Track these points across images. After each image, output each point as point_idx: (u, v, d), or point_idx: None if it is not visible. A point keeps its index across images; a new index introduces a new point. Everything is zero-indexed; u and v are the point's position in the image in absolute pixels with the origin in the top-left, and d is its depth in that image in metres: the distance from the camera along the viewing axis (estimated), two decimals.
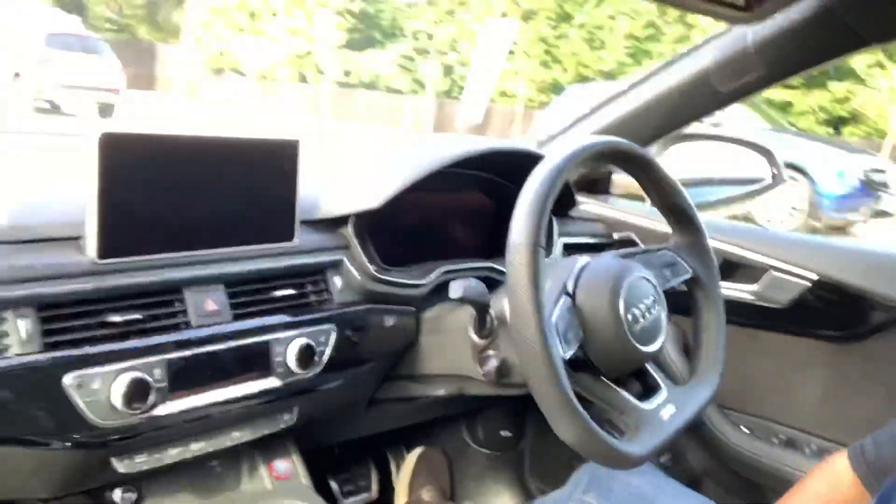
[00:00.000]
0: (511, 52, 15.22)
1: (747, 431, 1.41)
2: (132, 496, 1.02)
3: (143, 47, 19.68)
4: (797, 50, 1.13)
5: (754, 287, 1.35)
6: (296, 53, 17.94)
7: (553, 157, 0.91)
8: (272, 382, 0.99)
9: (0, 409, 0.79)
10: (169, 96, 18.30)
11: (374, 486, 1.64)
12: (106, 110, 11.86)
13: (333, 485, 1.55)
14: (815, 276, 1.27)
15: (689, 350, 1.42)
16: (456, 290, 0.94)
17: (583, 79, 16.34)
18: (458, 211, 1.36)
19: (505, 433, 1.75)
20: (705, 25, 12.82)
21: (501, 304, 1.01)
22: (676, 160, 1.50)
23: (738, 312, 1.36)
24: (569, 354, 0.89)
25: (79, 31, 12.34)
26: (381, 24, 19.29)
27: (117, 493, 1.01)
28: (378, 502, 1.63)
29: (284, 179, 0.99)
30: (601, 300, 0.94)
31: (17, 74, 11.15)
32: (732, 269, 1.37)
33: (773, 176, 1.46)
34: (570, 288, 0.96)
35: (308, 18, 17.43)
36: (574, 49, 16.84)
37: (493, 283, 1.08)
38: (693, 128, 1.44)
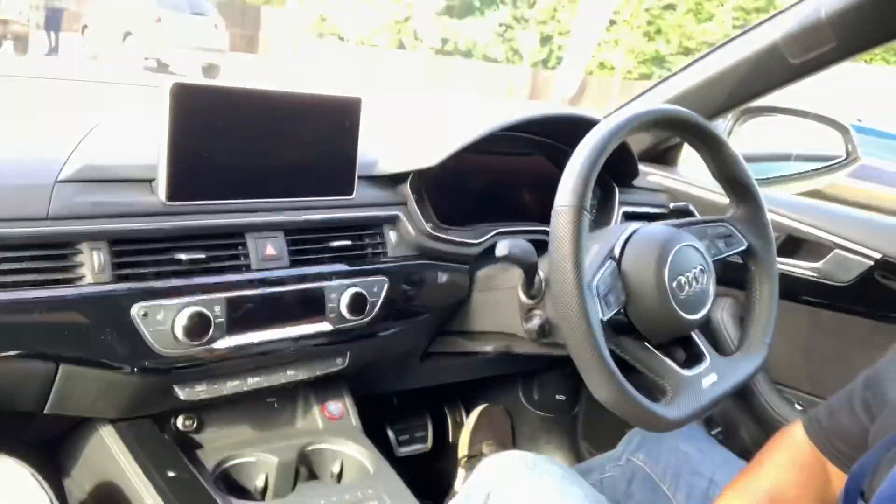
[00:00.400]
0: (612, 22, 14.85)
1: (800, 408, 1.39)
2: (192, 423, 1.11)
3: (247, 10, 20.19)
4: (871, 22, 1.09)
5: (817, 264, 1.33)
6: (394, 19, 18.05)
7: (605, 124, 0.92)
8: (325, 326, 1.05)
9: (74, 333, 0.87)
10: (271, 58, 18.79)
11: (430, 438, 1.70)
12: (210, 70, 12.25)
13: (390, 433, 1.62)
14: (878, 256, 1.24)
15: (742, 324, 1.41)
16: (502, 248, 0.96)
17: (686, 51, 15.81)
18: (515, 174, 1.38)
19: (560, 397, 1.78)
20: None
21: (547, 267, 1.03)
22: (753, 134, 1.48)
23: (800, 289, 1.34)
24: (608, 316, 0.91)
25: None
26: None
27: (179, 420, 1.09)
28: (432, 453, 1.69)
29: (346, 135, 1.04)
30: (646, 266, 0.95)
31: (128, 33, 11.64)
32: (797, 245, 1.35)
33: (848, 153, 1.41)
34: (616, 252, 0.97)
35: None
36: (679, 21, 16.29)
37: (544, 245, 1.11)
38: (770, 101, 1.41)
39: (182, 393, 1.00)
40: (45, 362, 0.88)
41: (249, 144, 0.96)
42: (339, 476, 1.16)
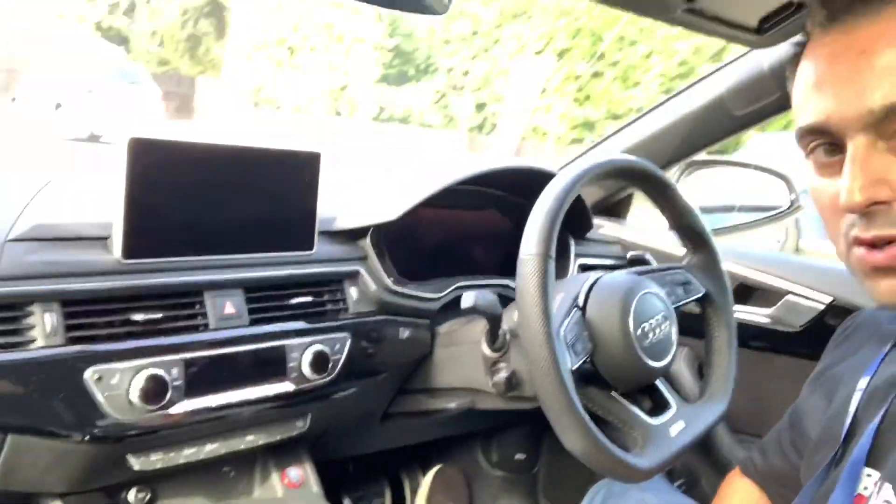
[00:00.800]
0: (544, 90, 15.32)
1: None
2: (146, 496, 1.05)
3: (183, 79, 20.16)
4: None
5: (770, 311, 1.35)
6: (331, 88, 18.25)
7: (566, 174, 0.93)
8: (286, 387, 1.01)
9: (23, 400, 0.82)
10: (207, 127, 18.69)
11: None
12: None
13: (346, 501, 1.57)
14: (829, 300, 1.27)
15: (702, 372, 1.43)
16: (468, 299, 0.96)
17: (615, 116, 16.37)
18: (474, 228, 1.38)
19: (520, 456, 1.75)
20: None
21: (513, 317, 1.02)
22: (697, 186, 1.52)
23: (754, 336, 1.37)
24: (576, 365, 0.90)
25: (121, 62, 12.59)
26: (416, 60, 19.57)
27: (132, 493, 1.03)
28: None
29: (305, 190, 1.03)
30: (611, 314, 0.96)
31: (58, 105, 11.43)
32: (749, 292, 1.38)
33: (791, 202, 1.46)
34: (580, 301, 0.97)
35: (345, 53, 17.75)
36: (607, 87, 16.90)
37: (507, 299, 1.10)
38: (714, 155, 1.45)
39: (136, 463, 0.94)
40: None
41: (208, 200, 0.94)
42: None
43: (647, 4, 0.97)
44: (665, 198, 1.08)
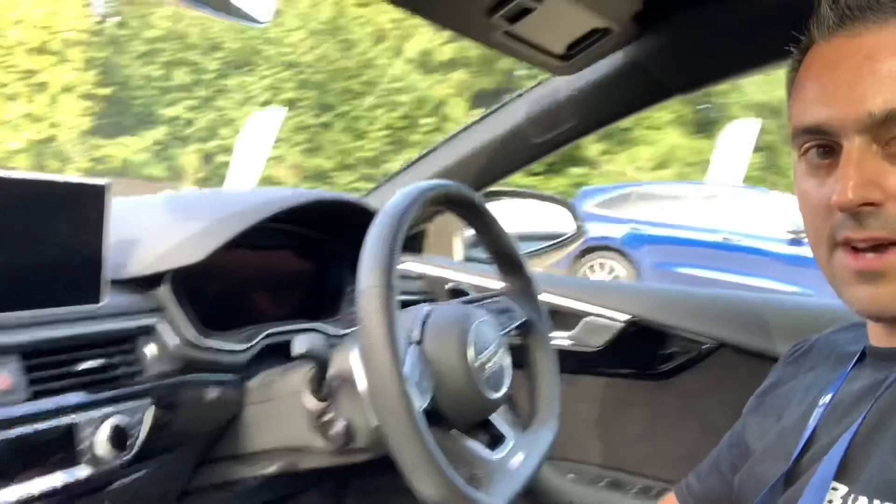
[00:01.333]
0: (278, 140, 15.22)
1: (572, 478, 1.42)
2: None
3: None
4: (608, 101, 1.21)
5: (571, 332, 1.39)
6: (34, 139, 16.48)
7: (398, 199, 0.87)
8: (80, 472, 0.82)
9: None
10: None
11: None
12: None
13: None
14: (626, 318, 1.34)
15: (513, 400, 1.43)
16: (301, 344, 0.87)
17: (347, 167, 16.66)
18: (274, 269, 1.26)
19: None
20: (458, 118, 13.70)
21: (343, 361, 0.93)
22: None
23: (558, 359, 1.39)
24: (425, 405, 0.85)
25: None
26: (134, 109, 18.40)
27: None
28: None
29: (90, 230, 0.85)
30: (450, 346, 0.91)
31: None
32: (553, 317, 1.40)
33: (577, 228, 1.53)
34: (416, 336, 0.92)
35: (50, 103, 16.15)
36: (336, 137, 17.17)
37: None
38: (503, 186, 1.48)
39: None
40: None
41: None
42: None
43: (471, 26, 0.95)
44: (485, 225, 1.07)
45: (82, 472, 0.83)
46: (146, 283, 0.96)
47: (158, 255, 0.96)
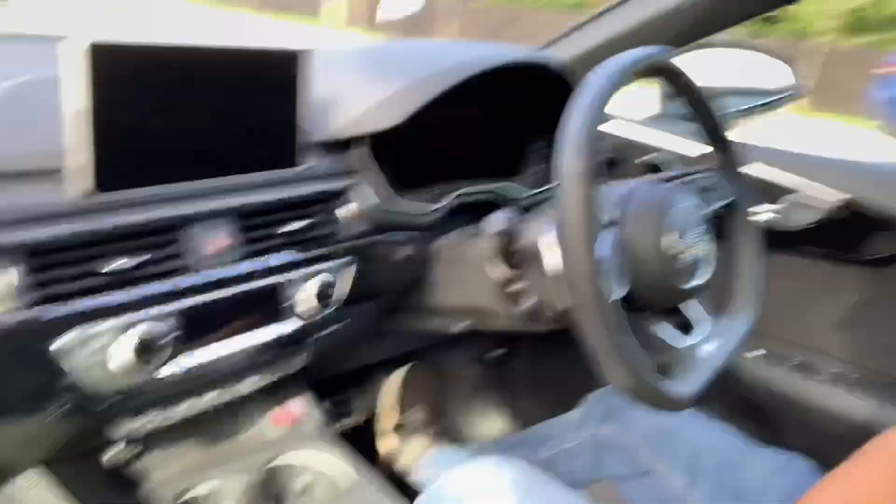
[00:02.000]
0: None
1: (762, 352, 1.38)
2: (134, 449, 0.94)
3: None
4: None
5: (775, 208, 1.29)
6: None
7: (600, 76, 0.80)
8: (289, 325, 0.90)
9: None
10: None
11: (366, 408, 1.57)
12: None
13: (326, 404, 1.48)
14: (841, 197, 1.21)
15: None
16: (496, 224, 0.87)
17: None
18: (459, 124, 1.24)
19: (497, 352, 1.69)
20: None
21: (534, 235, 0.92)
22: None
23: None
24: (621, 295, 0.82)
25: None
26: None
27: (120, 449, 0.92)
28: (367, 423, 1.57)
29: (284, 97, 0.86)
30: (647, 232, 0.86)
31: None
32: (758, 190, 1.30)
33: (796, 86, 1.37)
34: (615, 217, 0.87)
35: None
36: None
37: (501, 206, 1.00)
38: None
39: (124, 427, 0.82)
40: None
41: (178, 115, 0.77)
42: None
43: None
44: (692, 96, 0.98)
45: (292, 325, 0.90)
46: (343, 146, 0.97)
47: (355, 118, 0.97)
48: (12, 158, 0.70)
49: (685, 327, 0.95)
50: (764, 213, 1.29)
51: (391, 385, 1.58)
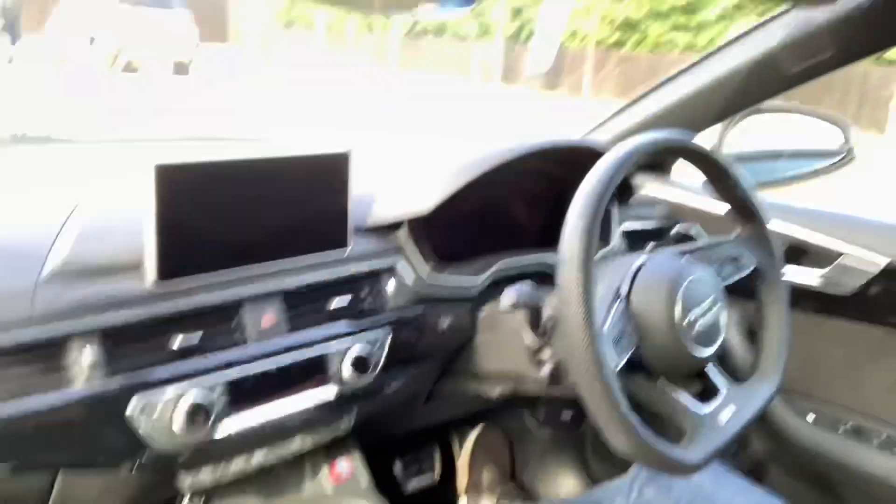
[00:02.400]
0: None
1: (813, 417, 1.37)
2: (201, 500, 1.07)
3: (216, 1, 19.79)
4: (872, 29, 1.06)
5: (822, 272, 1.30)
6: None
7: (607, 160, 0.88)
8: (329, 391, 1.01)
9: (70, 438, 0.83)
10: (241, 50, 18.49)
11: (437, 468, 1.67)
12: (180, 68, 11.97)
13: (397, 468, 1.59)
14: (885, 261, 1.22)
15: (753, 335, 1.38)
16: (510, 298, 0.94)
17: (657, 15, 15.66)
18: (510, 196, 1.34)
19: (566, 414, 1.74)
20: None
21: (556, 304, 0.99)
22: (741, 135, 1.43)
23: (806, 298, 1.32)
24: (621, 364, 0.88)
25: None
26: None
27: (186, 501, 1.06)
28: (441, 484, 1.66)
29: (337, 191, 1.00)
30: (657, 304, 0.92)
31: (92, 39, 11.25)
32: (799, 253, 1.32)
33: (848, 150, 1.38)
34: (623, 290, 0.94)
35: None
36: None
37: (547, 278, 1.07)
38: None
39: (186, 482, 0.96)
40: (41, 473, 0.84)
41: (238, 214, 0.92)
42: None
43: None
44: (712, 171, 1.03)
45: (331, 391, 1.01)
46: (385, 229, 1.10)
47: (395, 203, 1.09)
48: (101, 256, 0.86)
49: (708, 392, 0.99)
50: (814, 277, 1.30)
51: (465, 447, 1.67)
